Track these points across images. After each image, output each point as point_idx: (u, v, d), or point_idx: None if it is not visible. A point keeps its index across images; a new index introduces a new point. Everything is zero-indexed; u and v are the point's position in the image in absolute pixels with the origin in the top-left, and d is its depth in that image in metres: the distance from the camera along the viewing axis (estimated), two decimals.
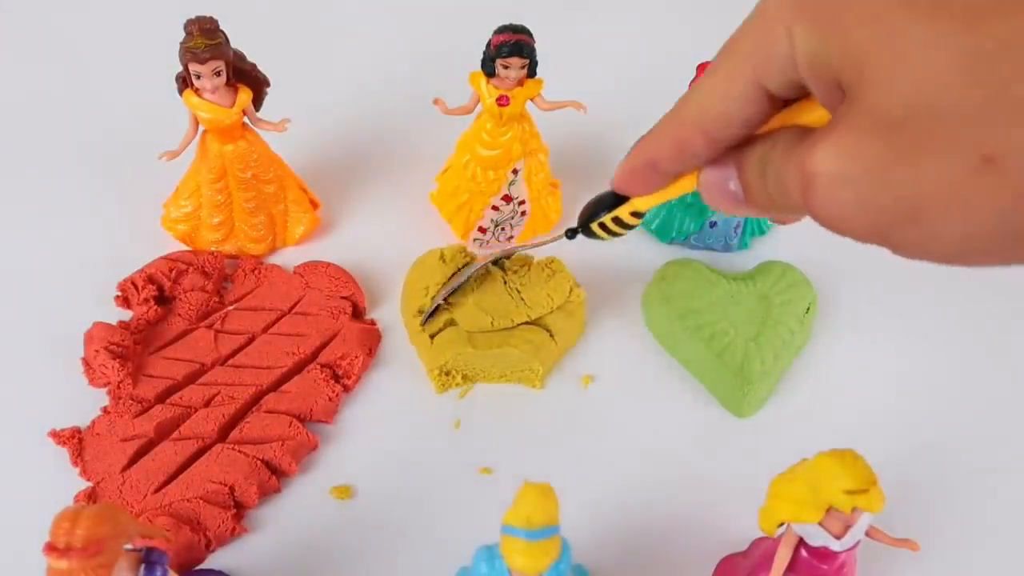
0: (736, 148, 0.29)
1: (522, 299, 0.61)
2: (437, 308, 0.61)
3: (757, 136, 0.28)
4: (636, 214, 0.36)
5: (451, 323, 0.61)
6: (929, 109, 0.21)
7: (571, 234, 0.41)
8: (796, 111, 0.27)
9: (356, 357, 0.61)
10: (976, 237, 0.22)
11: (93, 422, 0.58)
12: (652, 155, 0.30)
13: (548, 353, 0.61)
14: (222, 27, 0.59)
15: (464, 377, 0.61)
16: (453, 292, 0.61)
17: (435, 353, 0.60)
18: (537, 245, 0.56)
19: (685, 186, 0.32)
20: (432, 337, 0.61)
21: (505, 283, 0.62)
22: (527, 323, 0.61)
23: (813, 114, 0.27)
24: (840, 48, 0.23)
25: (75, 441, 0.57)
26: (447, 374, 0.61)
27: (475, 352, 0.59)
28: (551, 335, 0.61)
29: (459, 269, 0.62)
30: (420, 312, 0.62)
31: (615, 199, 0.36)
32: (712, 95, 0.28)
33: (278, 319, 0.64)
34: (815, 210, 0.24)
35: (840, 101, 0.24)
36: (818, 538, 0.44)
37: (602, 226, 0.38)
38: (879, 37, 0.22)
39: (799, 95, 0.26)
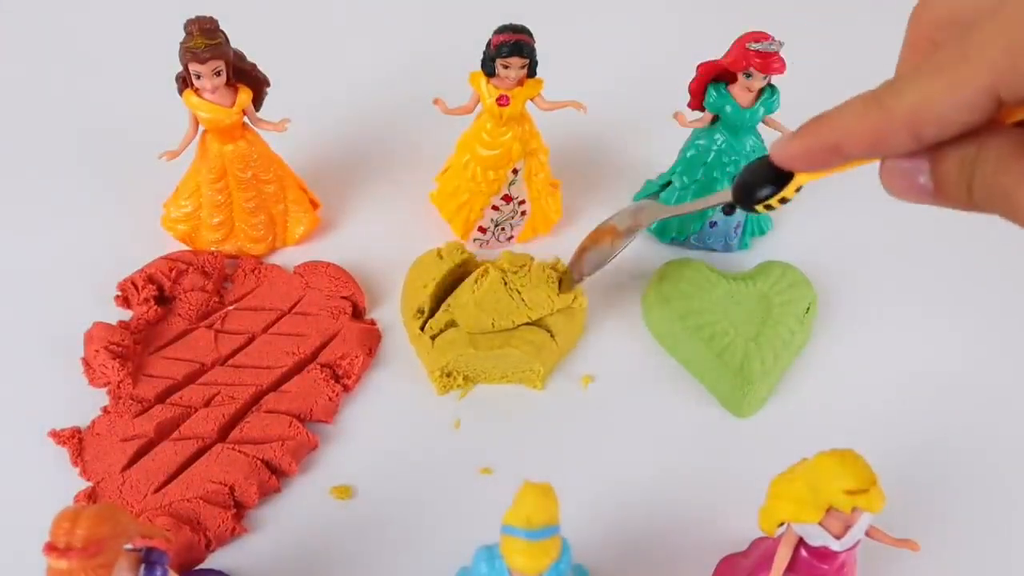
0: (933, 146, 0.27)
1: (523, 300, 0.61)
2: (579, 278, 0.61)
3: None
4: (797, 188, 0.35)
5: (452, 324, 0.61)
6: None
7: (729, 211, 0.40)
8: (1007, 110, 0.26)
9: (356, 357, 0.61)
10: None
11: (93, 422, 0.58)
12: (839, 139, 0.29)
13: (549, 354, 0.61)
14: (222, 27, 0.59)
15: (465, 378, 0.61)
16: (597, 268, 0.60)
17: (436, 355, 0.60)
18: (696, 209, 0.52)
19: (856, 163, 0.30)
20: (433, 339, 0.61)
21: (506, 284, 0.62)
22: (528, 324, 0.61)
23: None
24: None
25: (75, 441, 0.57)
26: (448, 375, 0.61)
27: (476, 353, 0.59)
28: (552, 336, 0.61)
29: (611, 242, 0.60)
30: (420, 313, 0.62)
31: (775, 173, 0.34)
32: (934, 96, 0.26)
33: (278, 319, 0.64)
34: None
35: None
36: (818, 538, 0.44)
37: (767, 205, 0.37)
38: None
39: None
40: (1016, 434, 0.61)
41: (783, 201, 0.36)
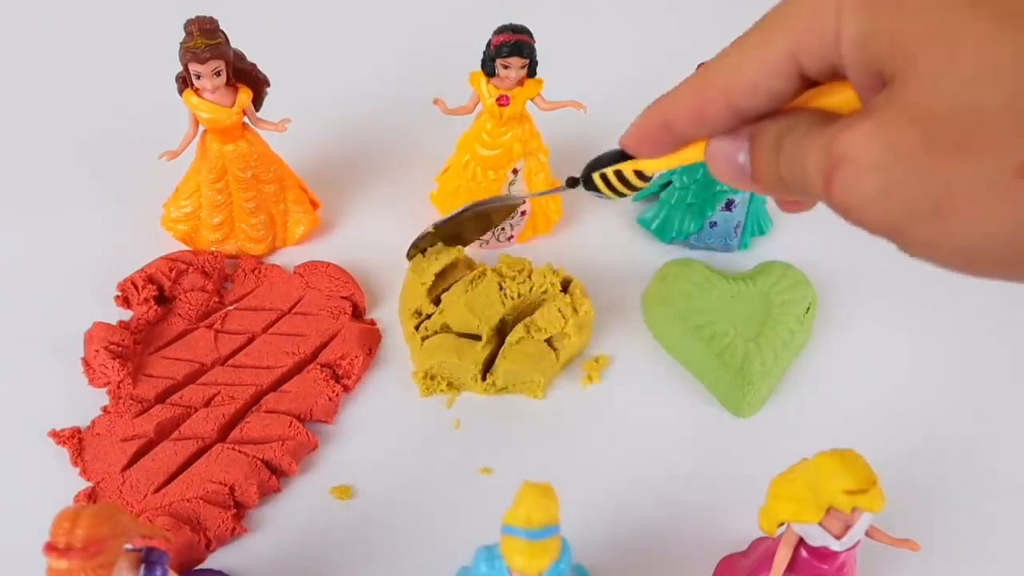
0: (752, 121, 0.28)
1: (515, 303, 0.61)
2: (425, 236, 0.61)
3: (778, 111, 0.27)
4: (641, 176, 0.36)
5: (446, 328, 0.61)
6: (975, 108, 0.21)
7: (572, 183, 0.40)
8: (821, 93, 0.27)
9: (356, 357, 0.61)
10: (992, 245, 0.21)
11: (93, 422, 0.58)
12: (668, 115, 0.29)
13: (550, 364, 0.60)
14: (222, 27, 0.59)
15: (449, 384, 0.61)
16: (444, 223, 0.60)
17: (423, 356, 0.60)
18: (537, 195, 0.55)
19: (693, 155, 0.31)
20: (424, 340, 0.61)
21: (501, 288, 0.61)
22: (524, 336, 0.61)
23: (838, 97, 0.26)
24: (891, 35, 0.23)
25: (75, 441, 0.56)
26: (432, 379, 0.61)
27: (461, 364, 0.59)
28: (553, 348, 0.61)
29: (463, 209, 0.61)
30: (417, 315, 0.62)
31: (622, 157, 0.36)
32: (743, 63, 0.27)
33: (278, 319, 0.64)
34: (835, 194, 0.24)
35: (876, 90, 0.23)
36: (818, 538, 0.44)
37: (604, 180, 0.37)
38: (936, 30, 0.22)
39: (831, 78, 0.26)
40: (1016, 434, 0.61)
41: (625, 183, 0.37)
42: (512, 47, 0.59)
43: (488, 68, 0.61)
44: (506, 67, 0.60)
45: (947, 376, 0.64)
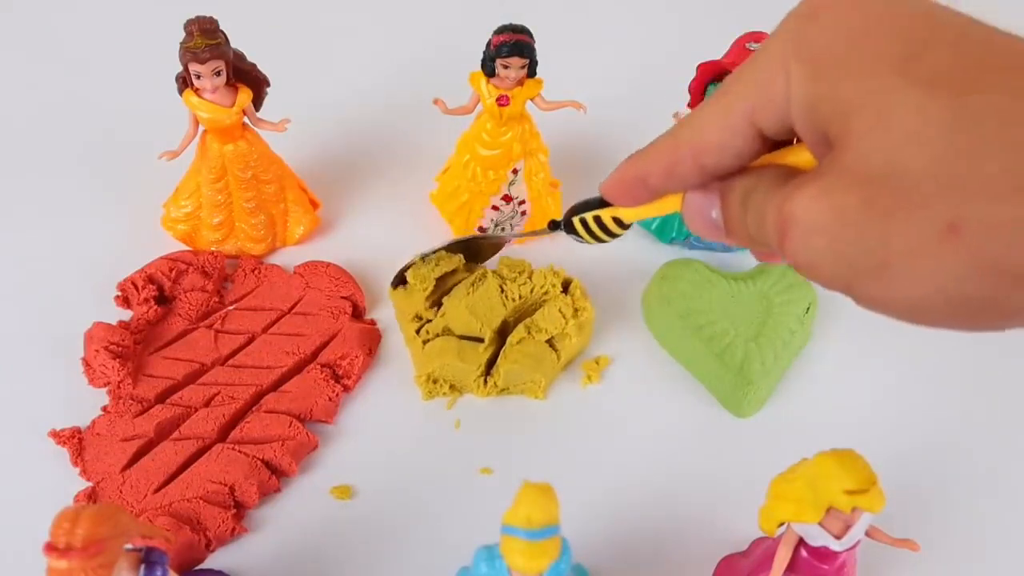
0: (724, 178, 0.29)
1: (516, 305, 0.61)
2: (409, 267, 0.61)
3: (746, 169, 0.29)
4: (619, 223, 0.37)
5: (447, 331, 0.61)
6: (906, 171, 0.22)
7: (553, 226, 0.41)
8: (786, 151, 0.28)
9: (356, 357, 0.61)
10: (932, 298, 0.23)
11: (93, 422, 0.58)
12: (643, 170, 0.31)
13: (550, 365, 0.60)
14: (222, 27, 0.59)
15: (451, 387, 0.61)
16: (431, 254, 0.61)
17: (424, 359, 0.60)
18: (520, 237, 0.55)
19: (669, 205, 0.33)
20: (424, 343, 0.61)
21: (502, 291, 0.61)
22: (525, 337, 0.61)
23: (801, 156, 0.28)
24: (831, 98, 0.24)
25: (75, 441, 0.56)
26: (434, 382, 0.60)
27: (463, 367, 0.59)
28: (554, 348, 0.61)
29: (453, 242, 0.62)
30: (417, 319, 0.62)
31: (602, 204, 0.37)
32: (709, 124, 0.28)
33: (278, 319, 0.64)
34: (787, 254, 0.25)
35: (827, 151, 0.24)
36: (818, 538, 0.44)
37: (584, 224, 0.38)
38: (870, 94, 0.23)
39: (790, 138, 0.27)
40: (1016, 434, 0.61)
41: (604, 230, 0.38)
42: (512, 47, 0.59)
43: (488, 68, 0.61)
44: (506, 67, 0.60)
45: (947, 376, 0.64)
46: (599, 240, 0.39)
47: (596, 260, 0.69)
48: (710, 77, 0.64)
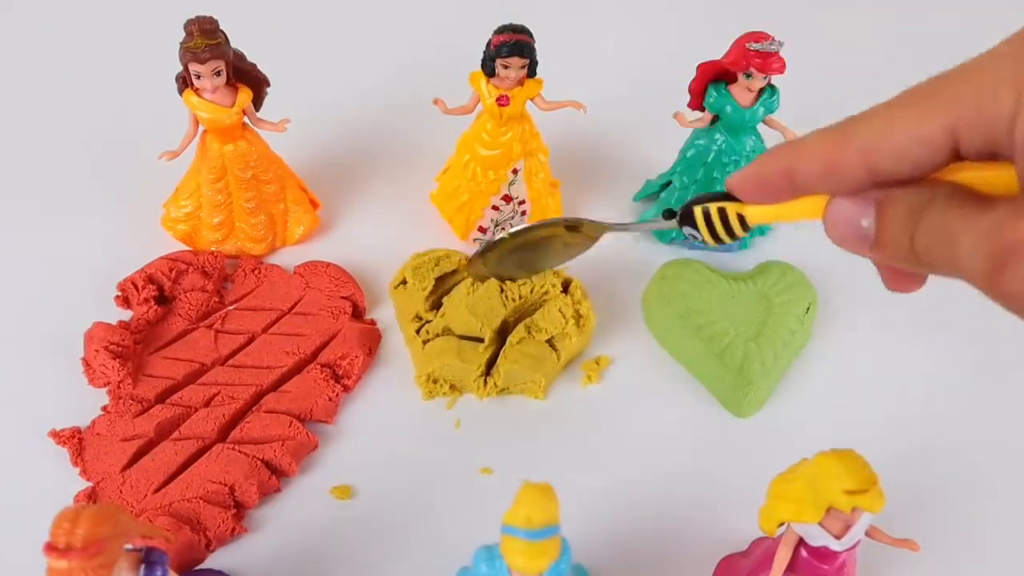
0: (884, 186, 0.27)
1: (516, 305, 0.61)
2: (496, 243, 0.54)
3: (914, 180, 0.26)
4: (742, 223, 0.33)
5: (448, 331, 0.61)
6: None
7: (669, 215, 0.37)
8: (969, 167, 0.26)
9: (356, 357, 0.61)
10: None
11: (93, 422, 0.58)
12: (793, 163, 0.28)
13: (551, 365, 0.60)
14: (222, 27, 0.59)
15: (452, 387, 0.61)
16: (519, 233, 0.53)
17: (424, 360, 0.60)
18: (639, 227, 0.50)
19: (804, 210, 0.29)
20: (424, 343, 0.61)
21: (502, 291, 0.61)
22: (525, 337, 0.61)
23: (989, 175, 0.26)
24: None
25: (75, 441, 0.56)
26: (434, 382, 0.60)
27: (464, 366, 0.59)
28: (554, 348, 0.61)
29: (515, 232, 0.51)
30: (417, 319, 0.62)
31: (726, 198, 0.33)
32: (896, 127, 0.26)
33: (278, 319, 0.64)
34: (1004, 283, 0.23)
35: None
36: (818, 538, 0.44)
37: (706, 217, 0.34)
38: None
39: (985, 159, 0.25)
40: (1016, 434, 0.61)
41: (726, 226, 0.34)
42: (512, 47, 0.59)
43: (488, 68, 0.61)
44: (506, 67, 0.60)
45: (947, 376, 0.64)
46: (716, 238, 0.35)
47: (596, 260, 0.69)
48: (710, 77, 0.64)
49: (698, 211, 0.35)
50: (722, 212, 0.34)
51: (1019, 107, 0.23)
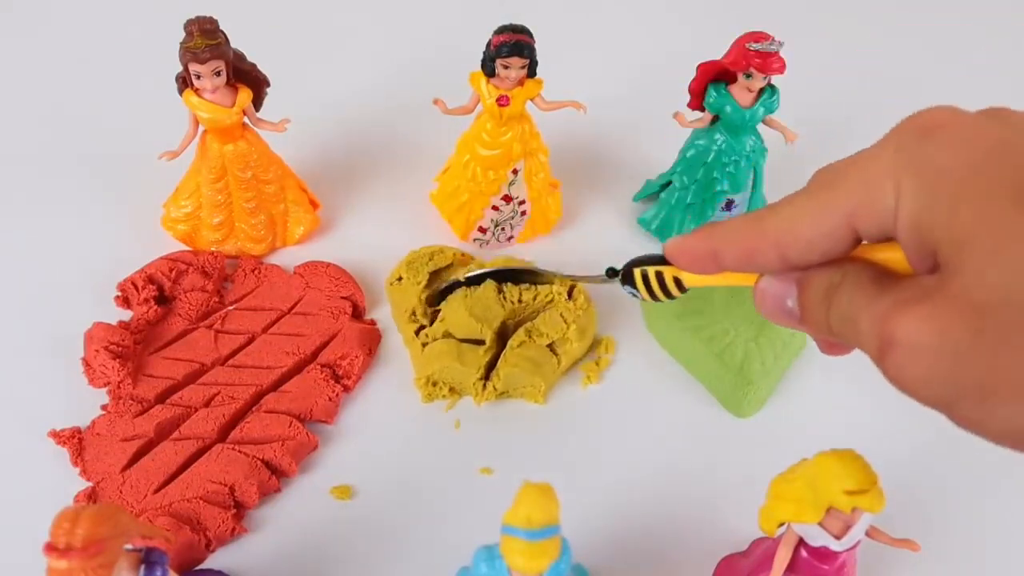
0: (800, 268, 0.29)
1: (514, 307, 0.61)
2: (451, 288, 0.60)
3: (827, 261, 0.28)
4: (679, 285, 0.36)
5: (448, 335, 0.61)
6: (1018, 303, 0.22)
7: (611, 273, 0.40)
8: (872, 248, 0.28)
9: (356, 357, 0.61)
10: None
11: (93, 422, 0.58)
12: (718, 247, 0.30)
13: (551, 369, 0.60)
14: (222, 27, 0.59)
15: (451, 390, 0.61)
16: (475, 278, 0.60)
17: (423, 362, 0.60)
18: (574, 279, 0.53)
19: (736, 279, 0.32)
20: (424, 346, 0.60)
21: (500, 292, 0.61)
22: (525, 340, 0.60)
23: (889, 255, 0.27)
24: (946, 223, 0.24)
25: (75, 441, 0.56)
26: (434, 385, 0.60)
27: (463, 370, 0.59)
28: (555, 353, 0.60)
29: (479, 272, 0.60)
30: (413, 316, 0.62)
31: (663, 261, 0.36)
32: (801, 220, 0.28)
33: (278, 319, 0.64)
34: (888, 371, 0.25)
35: (929, 266, 0.25)
36: (818, 538, 0.44)
37: (644, 277, 0.37)
38: (986, 223, 0.23)
39: (884, 241, 0.27)
40: None
41: (663, 287, 0.37)
42: (512, 47, 0.59)
43: (488, 68, 0.61)
44: (506, 67, 0.60)
45: None
46: (653, 297, 0.38)
47: (596, 260, 0.69)
48: (710, 77, 0.64)
49: (637, 273, 0.38)
50: (659, 275, 0.36)
51: (898, 203, 0.25)
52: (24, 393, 0.60)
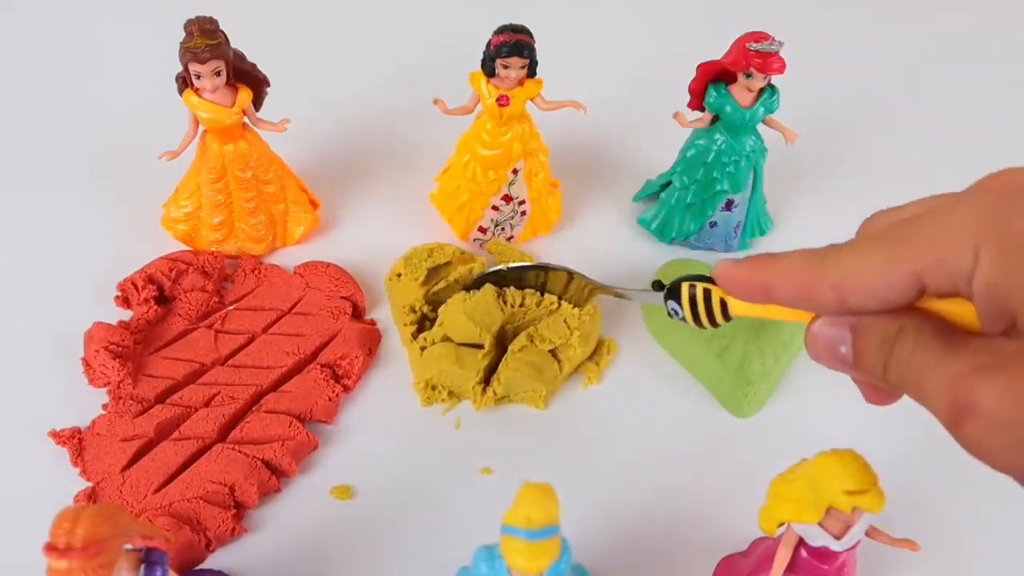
0: (855, 313, 0.28)
1: (514, 311, 0.61)
2: (490, 277, 0.61)
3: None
4: (724, 312, 0.35)
5: (447, 339, 0.61)
6: None
7: (658, 286, 0.39)
8: (937, 300, 0.27)
9: (356, 357, 0.61)
10: None
11: (93, 422, 0.58)
12: (772, 280, 0.30)
13: (552, 374, 0.60)
14: (222, 27, 0.59)
15: (450, 394, 0.61)
16: (512, 270, 0.60)
17: (422, 366, 0.60)
18: (613, 291, 0.52)
19: (786, 315, 0.31)
20: (422, 349, 0.60)
21: (499, 295, 0.60)
22: (527, 345, 0.60)
23: (951, 307, 0.27)
24: None
25: (75, 441, 0.56)
26: (433, 388, 0.60)
27: (462, 373, 0.59)
28: (557, 359, 0.60)
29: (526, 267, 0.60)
30: (413, 312, 0.62)
31: (713, 282, 0.35)
32: (866, 269, 0.27)
33: (278, 319, 0.64)
34: (962, 438, 0.25)
35: (1002, 328, 0.24)
36: (818, 538, 0.44)
37: (691, 299, 0.36)
38: None
39: (950, 296, 0.26)
40: None
41: (708, 310, 0.36)
42: (512, 47, 0.59)
43: (488, 68, 0.61)
44: (506, 67, 0.60)
45: None
46: (696, 319, 0.36)
47: (596, 260, 0.69)
48: (710, 77, 0.64)
49: (685, 288, 0.36)
50: (707, 294, 0.35)
51: (976, 262, 0.25)
52: (24, 393, 0.60)
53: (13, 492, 0.55)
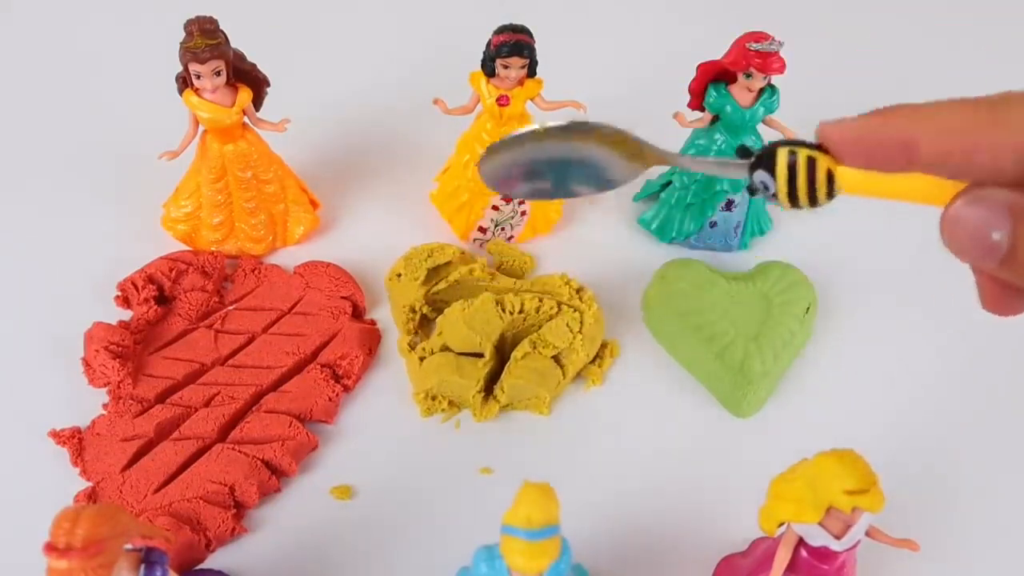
0: (1017, 189, 0.22)
1: (513, 319, 0.60)
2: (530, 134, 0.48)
3: None
4: (830, 182, 0.27)
5: (446, 348, 0.60)
6: None
7: (743, 153, 0.29)
8: None
9: (356, 357, 0.61)
10: None
11: (93, 422, 0.58)
12: (918, 135, 0.23)
13: (555, 381, 0.59)
14: (222, 27, 0.59)
15: (450, 403, 0.60)
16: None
17: (421, 376, 0.59)
18: (693, 167, 0.36)
19: (918, 193, 0.24)
20: (421, 359, 0.60)
21: (498, 303, 0.60)
22: (530, 352, 0.60)
23: None
24: None
25: (75, 441, 0.56)
26: (433, 399, 0.60)
27: (462, 382, 0.58)
28: (560, 364, 0.60)
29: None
30: (412, 312, 0.61)
31: (818, 149, 0.27)
32: None
33: (278, 319, 0.64)
34: None
35: None
36: (818, 538, 0.44)
37: (792, 165, 0.27)
38: None
39: None
40: (1017, 433, 0.61)
41: (811, 180, 0.27)
42: (512, 47, 0.59)
43: (488, 68, 0.61)
44: (506, 67, 0.60)
45: (947, 376, 0.64)
46: (792, 196, 0.28)
47: (596, 260, 0.69)
48: (710, 77, 0.64)
49: (782, 153, 0.27)
50: (811, 163, 0.27)
51: None
52: (24, 393, 0.60)
53: (13, 492, 0.55)
